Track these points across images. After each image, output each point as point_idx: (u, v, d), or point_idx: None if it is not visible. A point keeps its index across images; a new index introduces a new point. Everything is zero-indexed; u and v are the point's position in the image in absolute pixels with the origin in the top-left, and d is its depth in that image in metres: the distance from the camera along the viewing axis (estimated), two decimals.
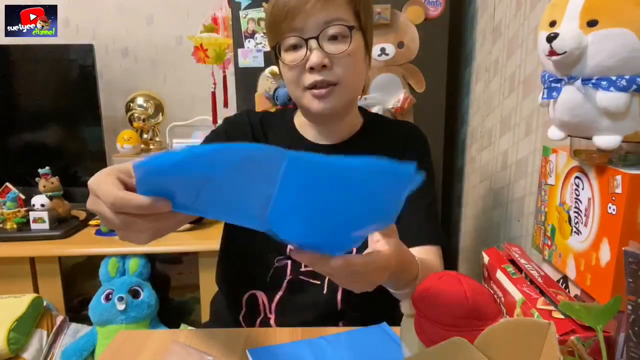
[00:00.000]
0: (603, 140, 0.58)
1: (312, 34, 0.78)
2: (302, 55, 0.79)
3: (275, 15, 0.79)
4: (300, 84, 0.81)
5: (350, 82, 0.82)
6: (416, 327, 0.64)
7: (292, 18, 0.77)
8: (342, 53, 0.78)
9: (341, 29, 0.78)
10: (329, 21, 0.78)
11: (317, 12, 0.77)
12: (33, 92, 1.89)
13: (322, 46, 0.78)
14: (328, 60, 0.78)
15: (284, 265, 0.87)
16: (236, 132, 0.91)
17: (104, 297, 1.52)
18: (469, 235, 1.67)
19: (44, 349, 1.52)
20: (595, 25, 0.55)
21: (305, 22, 0.78)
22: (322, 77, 0.79)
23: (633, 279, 0.49)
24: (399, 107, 1.57)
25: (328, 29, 0.78)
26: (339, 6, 0.79)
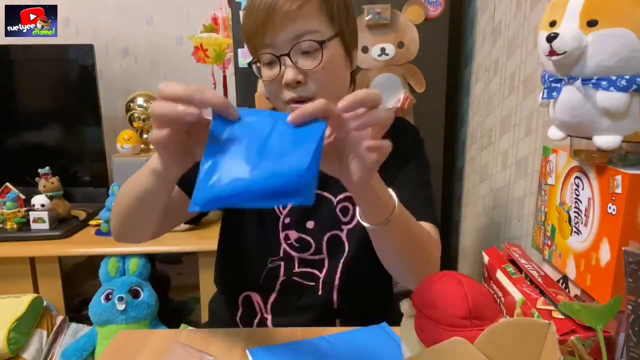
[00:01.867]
0: (603, 140, 0.58)
1: (284, 51, 0.75)
2: (277, 72, 0.76)
3: (247, 32, 0.77)
4: (279, 99, 0.80)
5: (328, 94, 0.76)
6: (416, 327, 0.64)
7: (263, 35, 0.75)
8: (316, 68, 0.75)
9: (312, 44, 0.75)
10: (300, 35, 0.74)
11: (286, 26, 0.74)
12: (33, 92, 1.89)
13: (295, 62, 0.75)
14: (302, 77, 0.76)
15: (277, 266, 0.87)
16: None
17: (104, 297, 1.52)
18: (469, 235, 1.67)
19: (44, 349, 1.52)
20: (595, 25, 0.55)
21: (276, 38, 0.75)
22: (298, 94, 0.77)
23: (633, 279, 0.49)
24: (399, 107, 1.57)
25: (299, 45, 0.74)
26: (308, 16, 0.75)
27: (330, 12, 0.77)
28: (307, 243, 0.87)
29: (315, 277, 0.87)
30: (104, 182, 1.85)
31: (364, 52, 1.56)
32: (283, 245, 0.87)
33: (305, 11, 0.74)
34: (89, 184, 1.90)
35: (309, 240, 0.86)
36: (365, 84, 1.59)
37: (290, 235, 0.87)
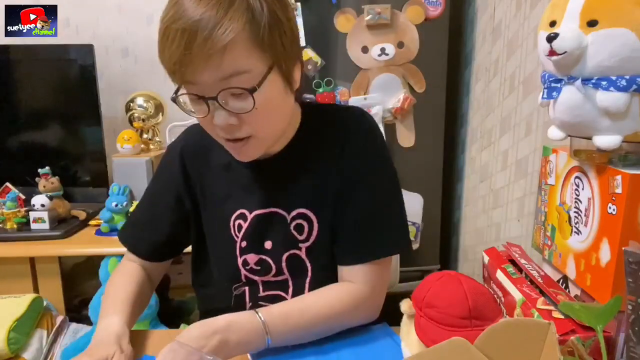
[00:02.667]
0: (603, 140, 0.58)
1: (210, 93, 0.65)
2: (206, 111, 0.67)
3: (163, 64, 0.67)
4: (214, 134, 0.73)
5: (266, 133, 0.73)
6: (416, 327, 0.64)
7: (182, 73, 0.64)
8: (251, 111, 0.66)
9: (241, 90, 0.65)
10: (226, 77, 0.64)
11: (210, 67, 0.63)
12: (33, 92, 1.89)
13: (224, 105, 0.66)
14: (235, 119, 0.67)
15: (242, 292, 0.84)
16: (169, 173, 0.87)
17: None
18: (469, 235, 1.67)
19: (44, 349, 1.51)
20: (595, 25, 0.55)
21: (198, 77, 0.64)
22: (232, 136, 0.70)
23: (633, 279, 0.49)
24: (399, 107, 1.58)
25: (227, 89, 0.65)
26: (236, 55, 0.63)
27: (260, 43, 0.65)
28: (267, 265, 0.81)
29: (282, 298, 0.82)
30: (104, 182, 1.85)
31: (364, 52, 1.56)
32: (243, 271, 0.82)
33: (230, 51, 0.62)
34: (89, 184, 1.89)
35: (268, 262, 0.81)
36: (365, 84, 1.59)
37: (249, 260, 0.81)
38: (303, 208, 0.80)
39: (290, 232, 0.81)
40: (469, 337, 0.47)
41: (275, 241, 0.81)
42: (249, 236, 0.82)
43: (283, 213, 0.81)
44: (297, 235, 0.81)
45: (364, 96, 1.59)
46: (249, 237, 0.82)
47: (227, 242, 0.83)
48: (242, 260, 0.82)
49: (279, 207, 0.81)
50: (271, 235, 0.81)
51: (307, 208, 0.80)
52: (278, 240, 0.81)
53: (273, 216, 0.81)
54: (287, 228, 0.81)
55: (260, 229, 0.81)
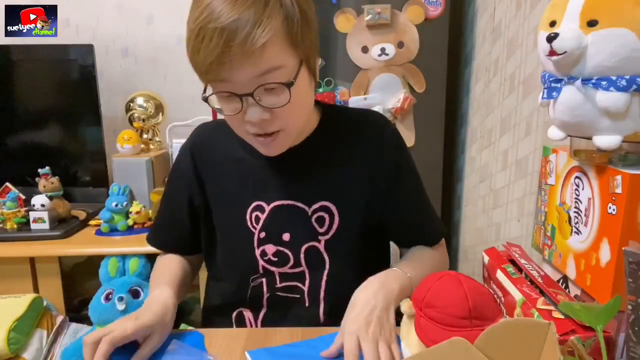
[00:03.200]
0: (603, 140, 0.58)
1: (246, 90, 0.67)
2: (238, 108, 0.69)
3: (196, 64, 0.67)
4: (241, 130, 0.75)
5: (295, 126, 0.76)
6: (416, 327, 0.64)
7: (217, 72, 0.66)
8: (284, 106, 0.69)
9: (278, 85, 0.68)
10: (263, 73, 0.66)
11: (247, 65, 0.65)
12: (33, 92, 1.89)
13: (258, 100, 0.68)
14: (268, 114, 0.70)
15: (260, 284, 0.85)
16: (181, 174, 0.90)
17: (104, 297, 1.52)
18: (469, 235, 1.67)
19: (44, 349, 1.51)
20: (595, 26, 0.55)
21: (235, 75, 0.66)
22: (264, 130, 0.72)
23: (633, 279, 0.49)
24: (399, 107, 1.58)
25: (264, 85, 0.67)
26: (271, 53, 0.65)
27: (294, 41, 0.68)
28: (285, 256, 0.83)
29: (299, 289, 0.85)
30: (104, 182, 1.85)
31: (364, 52, 1.56)
32: (260, 262, 0.84)
33: (269, 48, 0.65)
34: (89, 184, 1.89)
35: (286, 253, 0.83)
36: (365, 84, 1.59)
37: (267, 250, 0.83)
38: (325, 201, 0.83)
39: (311, 225, 0.83)
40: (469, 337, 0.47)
41: (294, 233, 0.83)
42: (267, 227, 0.84)
43: (303, 206, 0.83)
44: (318, 227, 0.83)
45: (364, 96, 1.59)
46: (268, 229, 0.84)
47: (244, 234, 0.84)
48: (260, 251, 0.84)
49: (299, 200, 0.83)
50: (290, 227, 0.83)
51: (329, 201, 0.83)
52: (297, 232, 0.83)
53: (292, 208, 0.83)
54: (308, 220, 0.83)
55: (279, 220, 0.83)
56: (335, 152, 0.84)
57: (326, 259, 0.84)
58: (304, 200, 0.83)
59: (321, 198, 0.83)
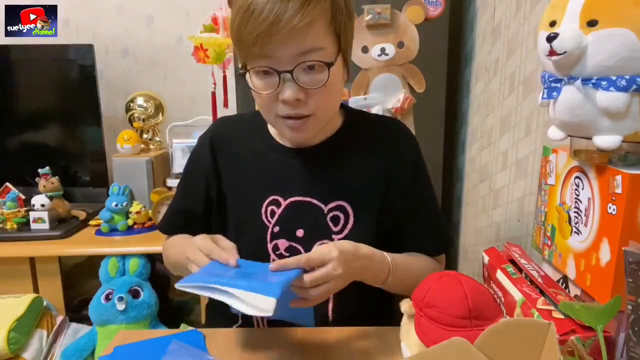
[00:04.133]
0: (603, 140, 0.58)
1: (286, 67, 0.69)
2: (275, 85, 0.71)
3: (242, 37, 0.69)
4: (272, 112, 0.75)
5: (326, 112, 0.78)
6: (416, 327, 0.64)
7: (262, 45, 0.67)
8: (320, 88, 0.71)
9: (319, 64, 0.70)
10: (305, 52, 0.69)
11: (292, 41, 0.67)
12: (33, 92, 1.89)
13: (296, 79, 0.70)
14: (303, 94, 0.71)
15: None
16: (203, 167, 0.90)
17: (104, 297, 1.52)
18: (469, 235, 1.67)
19: (44, 349, 1.51)
20: (595, 25, 0.55)
21: (278, 51, 0.68)
22: (296, 111, 0.73)
23: (633, 279, 0.49)
24: (399, 107, 1.57)
25: (304, 63, 0.69)
26: (317, 34, 0.69)
27: (337, 29, 0.72)
28: (297, 252, 0.83)
29: None
30: (104, 182, 1.85)
31: (364, 52, 1.56)
32: (272, 256, 0.84)
33: (314, 27, 0.68)
34: (89, 184, 1.90)
35: (299, 249, 0.84)
36: (365, 84, 1.59)
37: (280, 245, 0.84)
38: (341, 200, 0.83)
39: (326, 223, 0.83)
40: (469, 337, 0.47)
41: (308, 230, 0.84)
42: (282, 222, 0.84)
43: (319, 204, 0.84)
44: (333, 226, 0.84)
45: (364, 96, 1.59)
46: (282, 223, 0.84)
47: (258, 227, 0.85)
48: (273, 246, 0.84)
49: (316, 197, 0.84)
50: (304, 224, 0.84)
51: (345, 201, 0.83)
52: (311, 229, 0.84)
53: (309, 205, 0.84)
54: (323, 218, 0.83)
55: (295, 216, 0.84)
56: (355, 154, 0.85)
57: None
58: (320, 198, 0.84)
59: (338, 197, 0.83)
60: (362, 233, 0.83)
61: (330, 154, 0.85)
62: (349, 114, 0.90)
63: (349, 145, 0.85)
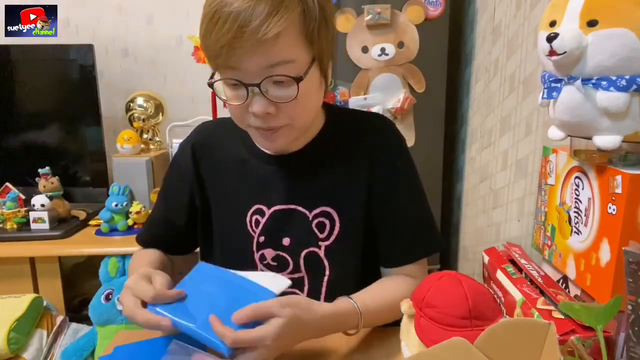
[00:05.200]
0: (603, 140, 0.58)
1: (254, 80, 0.66)
2: (244, 97, 0.68)
3: (207, 47, 0.66)
4: (244, 122, 0.73)
5: (300, 123, 0.73)
6: (416, 327, 0.64)
7: (227, 57, 0.64)
8: (290, 102, 0.68)
9: (286, 79, 0.66)
10: (273, 65, 0.65)
11: (258, 53, 0.63)
12: (33, 92, 1.89)
13: (265, 92, 0.67)
14: (273, 108, 0.68)
15: None
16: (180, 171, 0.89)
17: (104, 297, 1.52)
18: (469, 235, 1.67)
19: (44, 349, 1.51)
20: (595, 26, 0.55)
21: (244, 64, 0.65)
22: (267, 124, 0.70)
23: (633, 279, 0.49)
24: (399, 107, 1.58)
25: (272, 77, 0.66)
26: (285, 45, 0.64)
27: (309, 37, 0.67)
28: (284, 261, 0.82)
29: (299, 284, 0.83)
30: (104, 182, 1.85)
31: (364, 52, 1.56)
32: (259, 266, 0.83)
33: (282, 39, 0.63)
34: (89, 184, 1.90)
35: (286, 258, 0.82)
36: (365, 84, 1.59)
37: (267, 255, 0.82)
38: (326, 206, 0.81)
39: (311, 230, 0.81)
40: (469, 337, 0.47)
41: (294, 238, 0.81)
42: (267, 232, 0.82)
43: (304, 210, 0.81)
44: (318, 233, 0.81)
45: (364, 96, 1.59)
46: (267, 233, 0.82)
47: (243, 237, 0.83)
48: (260, 255, 0.83)
49: (300, 205, 0.81)
50: (290, 232, 0.82)
51: (330, 206, 0.81)
52: (297, 237, 0.81)
53: (293, 213, 0.81)
54: (308, 225, 0.81)
55: (279, 225, 0.82)
56: (338, 157, 0.83)
57: (326, 265, 0.82)
58: (305, 204, 0.81)
59: (322, 203, 0.81)
60: (349, 238, 0.82)
61: (312, 159, 0.82)
62: (331, 114, 0.85)
63: (331, 148, 0.82)
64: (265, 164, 0.82)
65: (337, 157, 0.83)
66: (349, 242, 0.82)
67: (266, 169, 0.82)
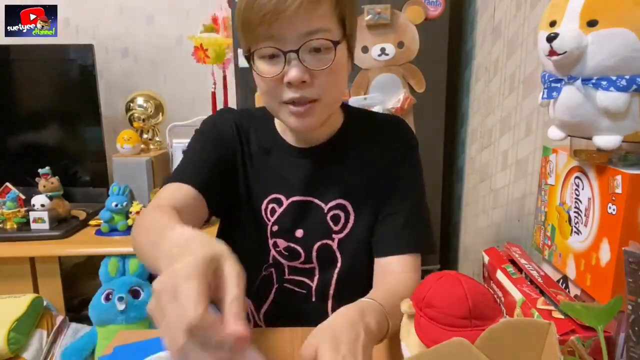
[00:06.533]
0: (603, 140, 0.58)
1: (292, 47, 0.69)
2: (280, 68, 0.70)
3: (248, 18, 0.69)
4: (276, 98, 0.73)
5: (331, 98, 0.76)
6: (416, 327, 0.64)
7: (269, 24, 0.67)
8: (325, 69, 0.71)
9: (325, 43, 0.70)
10: (312, 32, 0.68)
11: (299, 20, 0.67)
12: (33, 92, 1.89)
13: (302, 60, 0.69)
14: (308, 76, 0.70)
15: (270, 273, 0.86)
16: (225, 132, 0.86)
17: (104, 297, 1.52)
18: (469, 235, 1.67)
19: (44, 349, 1.51)
20: (595, 25, 0.55)
21: (284, 31, 0.68)
22: (301, 94, 0.71)
23: (633, 279, 0.49)
24: (399, 107, 1.58)
25: (310, 42, 0.69)
26: (323, 14, 0.69)
27: (341, 14, 0.72)
28: (296, 252, 0.83)
29: (306, 285, 0.85)
30: (104, 182, 1.85)
31: (364, 52, 1.56)
32: (272, 252, 0.84)
33: (321, 7, 0.69)
34: (89, 184, 1.90)
35: (297, 250, 0.83)
36: (365, 84, 1.59)
37: (279, 243, 0.84)
38: (341, 199, 0.83)
39: (326, 222, 0.83)
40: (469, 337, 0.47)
41: (308, 230, 0.83)
42: (281, 221, 0.83)
43: (320, 203, 0.83)
44: (333, 225, 0.83)
45: (364, 96, 1.59)
46: (281, 223, 0.83)
47: (258, 224, 0.84)
48: (273, 242, 0.84)
49: (316, 197, 0.83)
50: (304, 224, 0.83)
51: (346, 199, 0.83)
52: (311, 229, 0.83)
53: (310, 205, 0.83)
54: (323, 218, 0.83)
55: (295, 215, 0.83)
56: (355, 153, 0.85)
57: (338, 257, 0.84)
58: (321, 197, 0.83)
59: (338, 196, 0.83)
60: (362, 232, 0.84)
61: (331, 154, 0.85)
62: (350, 113, 0.90)
63: (350, 144, 0.86)
64: (288, 155, 0.85)
65: (354, 153, 0.85)
66: (361, 236, 0.84)
67: (287, 160, 0.85)
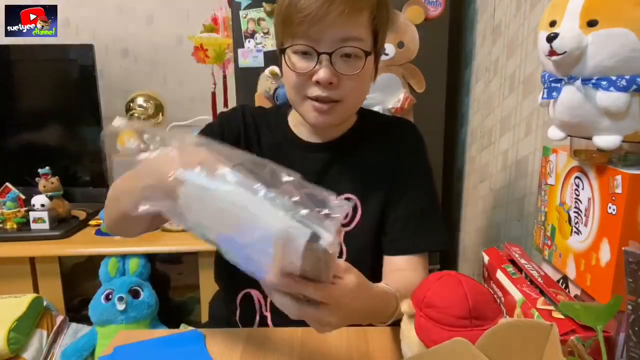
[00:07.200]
0: (603, 140, 0.58)
1: (326, 49, 0.73)
2: (311, 66, 0.75)
3: (290, 16, 0.73)
4: (302, 92, 0.78)
5: (353, 102, 0.81)
6: (416, 327, 0.64)
7: (309, 26, 0.71)
8: (353, 75, 0.75)
9: (357, 51, 0.75)
10: (347, 39, 0.73)
11: (337, 26, 0.72)
12: (33, 92, 1.89)
13: (333, 63, 0.74)
14: (336, 79, 0.75)
15: None
16: (230, 131, 0.89)
17: (104, 297, 1.52)
18: (469, 235, 1.67)
19: (44, 349, 1.51)
20: (595, 25, 0.55)
21: (322, 34, 0.73)
22: (327, 94, 0.76)
23: (633, 279, 0.49)
24: (399, 107, 1.57)
25: (344, 48, 0.74)
26: (360, 24, 0.74)
27: (376, 27, 0.77)
28: None
29: None
30: (104, 182, 1.85)
31: None
32: None
33: (361, 17, 0.73)
34: (89, 184, 1.90)
35: None
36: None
37: None
38: (350, 193, 0.86)
39: None
40: (469, 337, 0.47)
41: None
42: None
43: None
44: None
45: None
46: None
47: None
48: None
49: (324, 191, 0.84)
50: None
51: (354, 194, 0.86)
52: None
53: None
54: None
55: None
56: (365, 151, 0.88)
57: (344, 249, 0.86)
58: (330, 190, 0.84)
59: (347, 190, 0.86)
60: (368, 227, 0.86)
61: (343, 150, 0.88)
62: (363, 113, 0.93)
63: (361, 143, 0.89)
64: (298, 149, 0.88)
65: (364, 151, 0.88)
66: (368, 231, 0.86)
67: (297, 154, 0.87)
